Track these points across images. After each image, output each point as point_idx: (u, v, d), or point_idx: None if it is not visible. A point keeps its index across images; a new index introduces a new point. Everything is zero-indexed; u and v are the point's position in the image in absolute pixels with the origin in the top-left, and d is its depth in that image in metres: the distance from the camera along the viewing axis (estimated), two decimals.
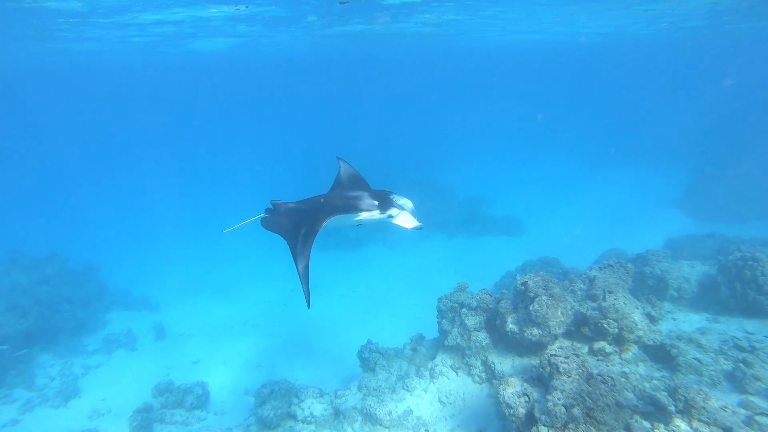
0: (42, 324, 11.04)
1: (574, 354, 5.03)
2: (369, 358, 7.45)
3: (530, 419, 4.75)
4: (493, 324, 6.47)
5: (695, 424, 4.80)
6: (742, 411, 5.11)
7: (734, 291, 7.71)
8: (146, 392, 9.20)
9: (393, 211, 4.79)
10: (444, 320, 6.99)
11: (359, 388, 7.13)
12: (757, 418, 4.97)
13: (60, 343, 11.40)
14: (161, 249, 19.22)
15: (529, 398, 4.82)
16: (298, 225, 4.63)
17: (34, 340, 10.83)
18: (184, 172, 35.30)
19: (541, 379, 5.05)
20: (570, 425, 4.48)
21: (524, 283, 5.99)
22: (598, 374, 4.77)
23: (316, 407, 6.96)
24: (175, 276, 16.73)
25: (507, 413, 4.84)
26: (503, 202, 22.29)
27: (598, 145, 30.49)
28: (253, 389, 9.10)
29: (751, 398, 5.50)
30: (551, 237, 18.09)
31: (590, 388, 4.56)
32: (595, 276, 6.48)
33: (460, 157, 31.33)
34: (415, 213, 4.97)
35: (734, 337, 6.73)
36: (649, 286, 8.19)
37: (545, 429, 4.54)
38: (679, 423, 4.83)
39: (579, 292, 6.53)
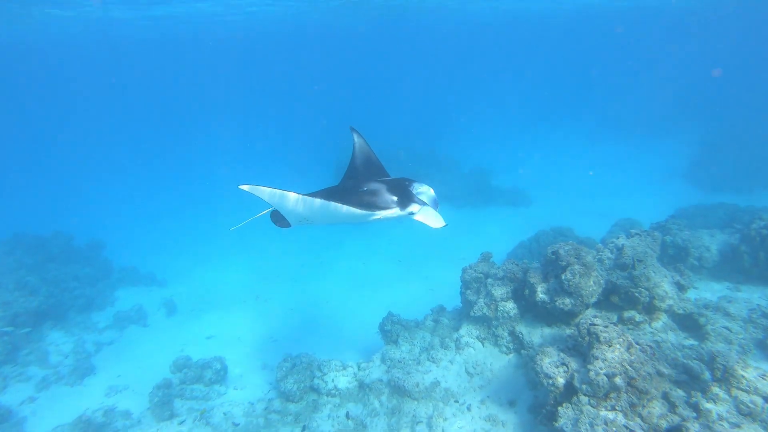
0: (52, 301, 10.93)
1: (612, 323, 4.95)
2: (391, 330, 7.39)
3: (569, 389, 4.69)
4: (520, 294, 6.38)
5: (734, 392, 4.75)
6: None
7: (757, 259, 7.65)
8: (162, 368, 9.16)
9: (413, 207, 4.35)
10: (468, 291, 6.89)
11: (383, 360, 7.09)
12: None
13: (70, 320, 11.32)
14: (164, 226, 19.08)
15: (567, 368, 4.75)
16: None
17: (44, 317, 10.75)
18: (184, 148, 34.85)
19: (578, 349, 4.97)
20: (612, 394, 4.42)
21: (555, 252, 5.87)
22: (637, 343, 4.70)
23: (340, 380, 6.92)
24: (180, 252, 16.65)
25: (545, 383, 4.77)
26: (508, 174, 22.11)
27: (601, 116, 30.18)
28: (271, 364, 9.10)
29: None
30: (558, 208, 18.04)
31: (631, 357, 4.49)
32: (623, 245, 6.36)
33: (462, 129, 31.02)
34: (438, 203, 4.63)
35: (760, 305, 6.68)
36: (670, 255, 8.11)
37: (586, 399, 4.48)
38: (718, 391, 4.78)
39: (607, 261, 6.42)
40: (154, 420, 7.41)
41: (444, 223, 4.34)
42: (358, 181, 4.81)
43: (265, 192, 3.81)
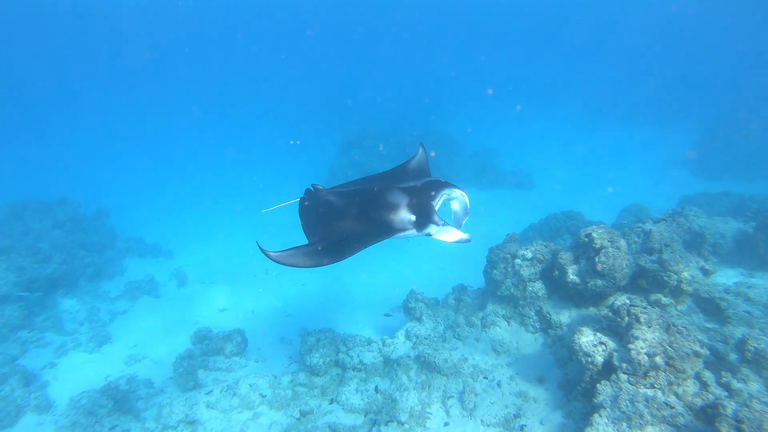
0: (64, 269, 10.87)
1: (649, 304, 5.09)
2: (415, 308, 7.49)
3: (607, 367, 4.84)
4: (549, 275, 6.50)
5: (765, 373, 4.95)
6: None
7: None
8: (179, 339, 9.25)
9: (431, 228, 4.03)
10: (495, 270, 6.99)
11: (407, 337, 7.21)
12: None
13: (81, 288, 11.30)
14: (167, 198, 18.93)
15: (606, 347, 4.89)
16: (323, 233, 4.15)
17: (57, 285, 10.71)
18: (190, 121, 34.34)
19: (613, 329, 5.11)
20: (651, 373, 4.57)
21: (588, 235, 5.97)
22: (674, 324, 4.84)
23: (366, 355, 7.03)
24: (184, 225, 16.57)
25: (584, 361, 4.92)
26: (511, 156, 22.13)
27: (602, 101, 30.16)
28: (288, 337, 9.22)
29: None
30: (561, 191, 18.20)
31: (670, 338, 4.63)
32: (651, 229, 6.47)
33: (464, 111, 30.83)
34: (468, 211, 4.31)
35: None
36: (686, 241, 8.27)
37: (625, 377, 4.64)
38: (747, 372, 4.98)
39: (633, 245, 6.54)
40: (178, 389, 7.50)
41: (466, 237, 3.99)
42: (387, 184, 4.56)
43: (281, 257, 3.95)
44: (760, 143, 18.80)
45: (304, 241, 4.26)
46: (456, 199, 4.33)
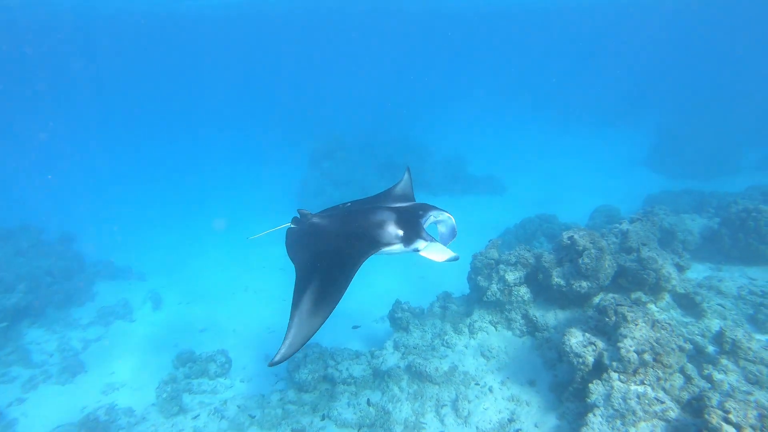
0: (30, 298, 10.38)
1: (634, 303, 5.25)
2: (401, 318, 7.49)
3: (598, 366, 4.96)
4: (533, 278, 6.63)
5: (742, 363, 5.17)
6: None
7: (737, 241, 8.24)
8: (159, 364, 8.96)
9: (419, 244, 3.95)
10: (479, 277, 7.08)
11: (396, 347, 7.20)
12: None
13: (49, 317, 10.80)
14: (136, 218, 18.37)
15: (595, 347, 5.02)
16: (312, 267, 3.83)
17: (22, 315, 10.21)
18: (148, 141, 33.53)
19: (601, 328, 5.25)
20: (640, 370, 4.71)
21: (570, 238, 6.13)
22: (658, 321, 5.01)
23: (354, 368, 6.98)
24: (156, 244, 16.10)
25: (575, 362, 5.02)
26: (480, 162, 22.51)
27: (565, 105, 31.13)
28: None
29: None
30: (532, 195, 18.60)
31: (657, 334, 4.79)
32: (627, 229, 6.71)
33: (432, 117, 31.25)
34: (455, 233, 4.35)
35: (745, 283, 7.23)
36: (659, 240, 8.60)
37: (616, 375, 4.76)
38: (726, 362, 5.19)
39: (612, 245, 6.75)
40: (162, 416, 7.24)
41: (454, 255, 3.90)
42: (373, 210, 4.48)
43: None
44: (715, 143, 19.75)
45: (283, 259, 4.22)
46: (443, 222, 4.38)
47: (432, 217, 4.29)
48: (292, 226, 4.55)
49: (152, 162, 29.00)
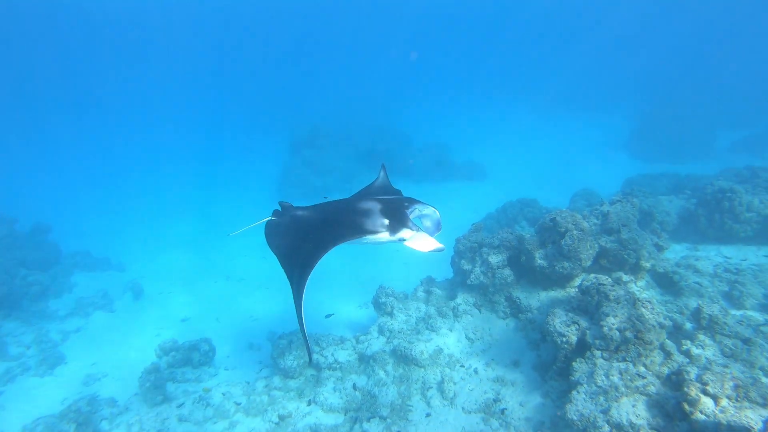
0: (4, 290, 10.09)
1: (616, 282, 5.34)
2: (386, 303, 7.49)
3: (581, 345, 5.04)
4: (516, 261, 6.69)
5: (718, 338, 5.31)
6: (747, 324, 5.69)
7: (713, 221, 8.42)
8: (141, 353, 8.86)
9: (405, 233, 3.99)
10: (463, 260, 7.11)
11: (380, 332, 7.21)
12: (762, 328, 5.55)
13: (24, 309, 10.54)
14: (113, 207, 17.99)
15: (578, 326, 5.09)
16: (295, 253, 4.01)
17: None
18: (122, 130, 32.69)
19: (583, 308, 5.33)
20: (622, 347, 4.80)
21: (552, 219, 6.19)
22: (639, 299, 5.10)
23: (340, 354, 6.98)
24: (135, 234, 15.82)
25: (559, 341, 5.09)
26: (461, 148, 22.58)
27: (546, 91, 31.33)
28: (257, 342, 9.00)
29: (749, 313, 6.15)
30: (513, 180, 18.76)
31: (638, 312, 4.88)
32: (608, 211, 6.79)
33: (413, 104, 31.18)
34: (440, 226, 4.42)
35: (721, 262, 7.42)
36: (638, 221, 8.75)
37: (599, 353, 4.84)
38: (704, 338, 5.32)
39: (593, 227, 6.83)
40: (145, 405, 7.14)
41: (439, 246, 3.98)
42: (360, 198, 4.59)
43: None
44: (690, 127, 20.14)
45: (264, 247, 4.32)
46: (428, 216, 4.43)
47: (417, 210, 4.33)
48: (273, 219, 4.53)
49: (129, 153, 28.34)
